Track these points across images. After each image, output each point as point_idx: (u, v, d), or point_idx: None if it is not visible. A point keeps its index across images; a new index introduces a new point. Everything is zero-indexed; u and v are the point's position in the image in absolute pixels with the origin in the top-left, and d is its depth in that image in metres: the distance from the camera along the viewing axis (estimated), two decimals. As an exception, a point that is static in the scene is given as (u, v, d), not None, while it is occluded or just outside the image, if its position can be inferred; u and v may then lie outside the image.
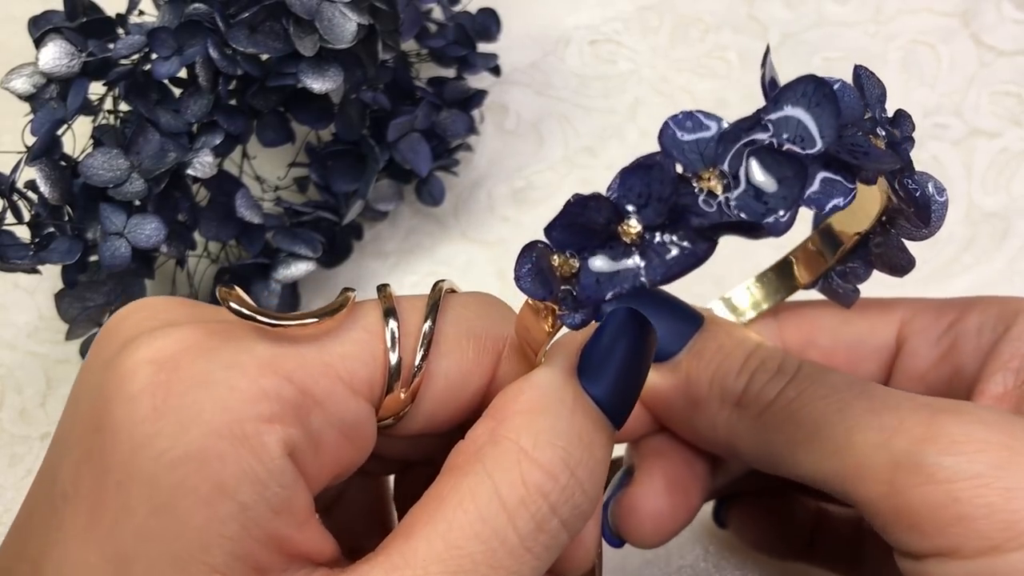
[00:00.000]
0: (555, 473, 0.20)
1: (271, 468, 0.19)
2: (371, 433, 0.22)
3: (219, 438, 0.18)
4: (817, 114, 0.17)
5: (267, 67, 0.37)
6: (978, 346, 0.26)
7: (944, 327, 0.27)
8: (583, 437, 0.20)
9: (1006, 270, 0.42)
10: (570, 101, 0.48)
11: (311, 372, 0.20)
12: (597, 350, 0.22)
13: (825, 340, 0.28)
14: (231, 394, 0.19)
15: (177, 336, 0.20)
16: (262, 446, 0.19)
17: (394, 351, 0.21)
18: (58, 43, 0.35)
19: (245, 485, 0.18)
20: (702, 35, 0.49)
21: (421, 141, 0.42)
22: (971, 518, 0.20)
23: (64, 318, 0.37)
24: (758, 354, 0.25)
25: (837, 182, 0.17)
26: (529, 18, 0.50)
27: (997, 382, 0.25)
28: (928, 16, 0.49)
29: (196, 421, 0.18)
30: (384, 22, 0.38)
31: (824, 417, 0.23)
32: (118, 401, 0.19)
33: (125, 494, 0.18)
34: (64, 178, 0.34)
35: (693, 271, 0.18)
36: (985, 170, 0.44)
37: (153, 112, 0.36)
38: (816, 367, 0.25)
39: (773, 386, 0.24)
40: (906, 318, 0.28)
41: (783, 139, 0.17)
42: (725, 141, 0.17)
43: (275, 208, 0.43)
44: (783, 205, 0.16)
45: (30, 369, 0.42)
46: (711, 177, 0.17)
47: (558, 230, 0.18)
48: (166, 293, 0.42)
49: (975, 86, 0.47)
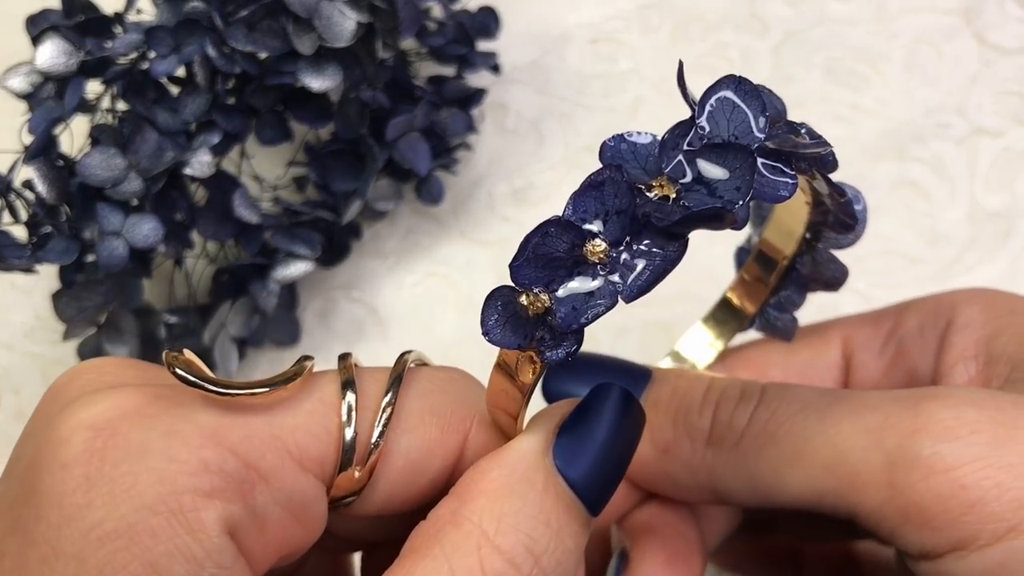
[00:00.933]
0: (517, 562, 0.19)
1: (208, 547, 0.17)
2: (321, 513, 0.20)
3: (152, 513, 0.17)
4: (748, 108, 0.18)
5: (265, 66, 0.37)
6: (925, 345, 0.26)
7: (884, 335, 0.27)
8: (551, 523, 0.19)
9: (1009, 270, 0.42)
10: (570, 100, 0.48)
11: (257, 445, 0.19)
12: (576, 427, 0.20)
13: (776, 374, 0.28)
14: (168, 465, 0.18)
15: (118, 400, 0.18)
16: (199, 522, 0.17)
17: (349, 426, 0.20)
18: (55, 41, 0.35)
19: (179, 565, 0.17)
20: (703, 34, 0.49)
21: (420, 140, 0.42)
22: (983, 502, 0.20)
23: (61, 318, 0.37)
24: (716, 385, 0.25)
25: (779, 170, 0.18)
26: (529, 16, 0.50)
27: (960, 372, 0.25)
28: (931, 15, 0.49)
29: (129, 493, 0.17)
30: (383, 20, 0.38)
31: (804, 431, 0.22)
32: (50, 469, 0.18)
33: (49, 570, 0.17)
34: (61, 177, 0.34)
35: (670, 275, 0.17)
36: (988, 169, 0.44)
37: (151, 111, 0.36)
38: (780, 385, 0.24)
39: (742, 412, 0.24)
40: (846, 335, 0.28)
41: (721, 136, 0.17)
42: (665, 149, 0.17)
43: (273, 208, 0.42)
44: (738, 194, 0.17)
45: (27, 370, 0.42)
46: (662, 184, 0.17)
47: (522, 266, 0.17)
48: (164, 293, 0.42)
49: (978, 85, 0.46)
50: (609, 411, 0.20)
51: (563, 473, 0.20)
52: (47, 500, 0.18)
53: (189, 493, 0.18)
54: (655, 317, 0.41)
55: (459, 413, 0.22)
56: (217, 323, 0.39)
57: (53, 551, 0.17)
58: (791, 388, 0.24)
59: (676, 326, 0.41)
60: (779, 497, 0.23)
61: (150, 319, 0.39)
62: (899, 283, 0.42)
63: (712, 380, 0.25)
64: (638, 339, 0.41)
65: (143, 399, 0.19)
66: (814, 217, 0.24)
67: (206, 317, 0.40)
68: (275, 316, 0.41)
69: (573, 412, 0.21)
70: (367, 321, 0.43)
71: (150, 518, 0.17)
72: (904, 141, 0.45)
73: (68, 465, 0.18)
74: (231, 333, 0.39)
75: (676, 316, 0.41)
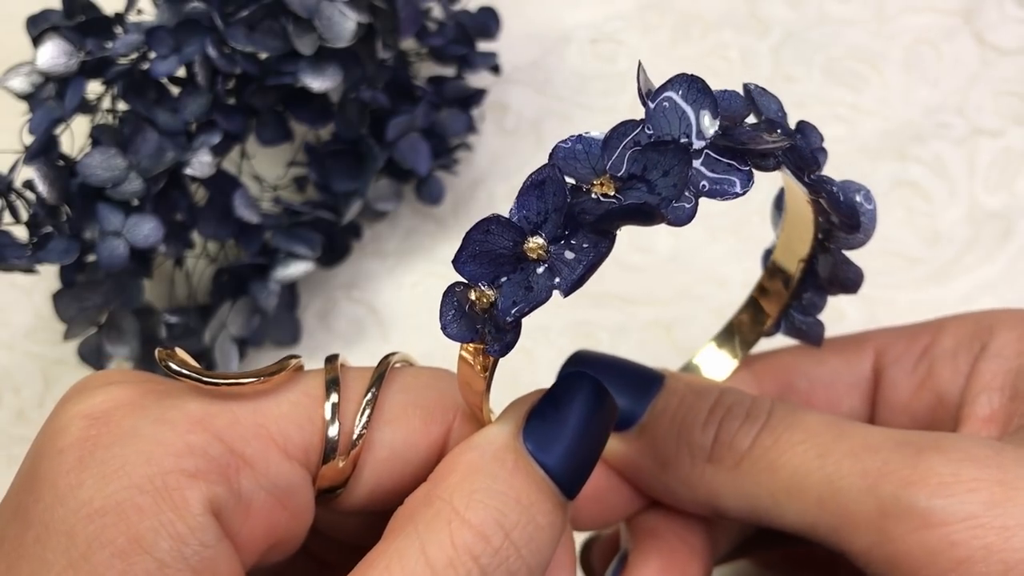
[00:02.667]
0: (487, 534, 0.19)
1: (191, 524, 0.18)
2: (307, 500, 0.21)
3: (139, 491, 0.18)
4: (696, 107, 0.18)
5: (265, 66, 0.37)
6: (956, 369, 0.25)
7: (919, 353, 0.26)
8: (522, 499, 0.20)
9: (1008, 270, 0.42)
10: (570, 100, 0.48)
11: (242, 432, 0.20)
12: (545, 412, 0.21)
13: (802, 383, 0.27)
14: (156, 448, 0.19)
15: (114, 393, 0.20)
16: (183, 501, 0.18)
17: (333, 420, 0.21)
18: (56, 42, 0.35)
19: (163, 540, 0.18)
20: (703, 34, 0.49)
21: (420, 140, 0.42)
22: (970, 561, 0.20)
23: (62, 318, 0.37)
24: (724, 401, 0.24)
25: (731, 168, 0.18)
26: (529, 16, 0.50)
27: (983, 404, 0.24)
28: (930, 15, 0.49)
29: (118, 473, 0.18)
30: (383, 21, 0.38)
31: (803, 465, 0.22)
32: (48, 455, 0.19)
33: (42, 547, 0.18)
34: (62, 177, 0.34)
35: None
36: (987, 169, 0.44)
37: (151, 111, 0.36)
38: (788, 408, 0.24)
39: (745, 434, 0.23)
40: (880, 348, 0.27)
41: (666, 134, 0.18)
42: (608, 148, 0.18)
43: (273, 208, 0.42)
44: (673, 193, 0.17)
45: (27, 370, 0.42)
46: (603, 182, 0.18)
47: (467, 262, 0.18)
48: (164, 293, 0.42)
49: (978, 85, 0.46)
50: (578, 397, 0.21)
51: (533, 454, 0.20)
52: (44, 483, 0.19)
53: (174, 473, 0.18)
54: (655, 317, 0.41)
55: (442, 406, 0.22)
56: (218, 323, 0.39)
57: (46, 529, 0.18)
58: (798, 415, 0.23)
59: (676, 326, 0.41)
60: (775, 522, 0.23)
61: (150, 319, 0.39)
62: (899, 283, 0.42)
63: (720, 395, 0.24)
64: (638, 339, 0.41)
65: (137, 392, 0.20)
66: (820, 217, 0.24)
67: (206, 317, 0.40)
68: (275, 316, 0.41)
69: (543, 398, 0.21)
70: (367, 321, 0.43)
71: (137, 496, 0.18)
72: (904, 141, 0.45)
73: (64, 450, 0.19)
74: (231, 333, 0.39)
75: (676, 316, 0.41)
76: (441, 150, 0.44)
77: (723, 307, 0.28)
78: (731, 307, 0.37)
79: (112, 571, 0.18)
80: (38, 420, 0.41)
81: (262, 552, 0.20)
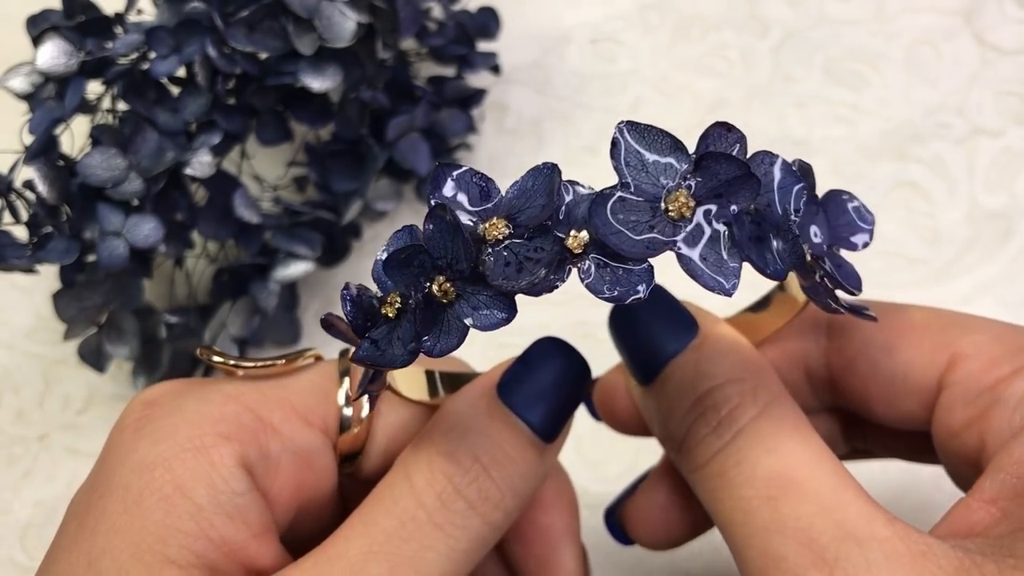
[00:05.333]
0: (461, 461, 0.22)
1: (224, 475, 0.22)
2: (329, 463, 0.24)
3: (183, 449, 0.22)
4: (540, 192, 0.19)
5: (266, 66, 0.37)
6: (1008, 424, 0.22)
7: (989, 383, 0.23)
8: (494, 436, 0.23)
9: (1008, 270, 0.42)
10: (570, 100, 0.48)
11: (268, 404, 0.23)
12: (516, 368, 0.24)
13: (864, 367, 0.25)
14: (197, 417, 0.22)
15: (166, 385, 0.24)
16: (219, 455, 0.22)
17: (347, 405, 0.24)
18: (56, 42, 0.35)
19: (201, 487, 0.21)
20: (703, 34, 0.49)
21: (421, 140, 0.42)
22: None
23: (62, 318, 0.37)
24: (711, 397, 0.23)
25: (619, 271, 0.18)
26: (529, 16, 0.50)
27: (995, 483, 0.21)
28: (930, 15, 0.49)
29: (167, 437, 0.22)
30: (383, 21, 0.38)
31: (731, 515, 0.21)
32: (114, 433, 0.23)
33: (105, 500, 0.22)
34: (62, 177, 0.34)
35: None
36: (987, 169, 0.44)
37: (151, 111, 0.36)
38: (774, 424, 0.22)
39: (708, 446, 0.22)
40: (958, 356, 0.23)
41: (440, 258, 0.18)
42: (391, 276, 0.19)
43: (273, 208, 0.42)
44: (536, 289, 0.18)
45: (28, 369, 0.42)
46: (394, 299, 0.19)
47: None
48: (164, 293, 0.42)
49: (978, 85, 0.46)
50: (546, 354, 0.24)
51: (504, 400, 0.23)
52: (109, 453, 0.23)
53: (211, 435, 0.22)
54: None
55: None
56: (218, 323, 0.39)
57: (108, 487, 0.22)
58: (778, 439, 0.21)
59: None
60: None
61: (151, 319, 0.39)
62: (899, 283, 0.42)
63: (710, 389, 0.23)
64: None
65: (183, 384, 0.24)
66: (815, 301, 0.22)
67: (206, 317, 0.40)
68: (275, 316, 0.41)
69: (517, 359, 0.24)
70: (367, 321, 0.43)
71: (180, 452, 0.22)
72: (904, 141, 0.45)
73: (125, 427, 0.23)
74: (232, 333, 0.39)
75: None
76: (441, 150, 0.44)
77: (723, 307, 0.28)
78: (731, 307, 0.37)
79: (158, 512, 0.21)
80: (38, 420, 0.41)
81: (293, 509, 0.23)
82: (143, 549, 0.21)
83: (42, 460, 0.40)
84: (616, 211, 0.18)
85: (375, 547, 0.21)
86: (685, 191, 0.18)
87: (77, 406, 0.41)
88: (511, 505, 0.23)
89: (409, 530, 0.21)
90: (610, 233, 0.18)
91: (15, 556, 0.38)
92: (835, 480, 0.21)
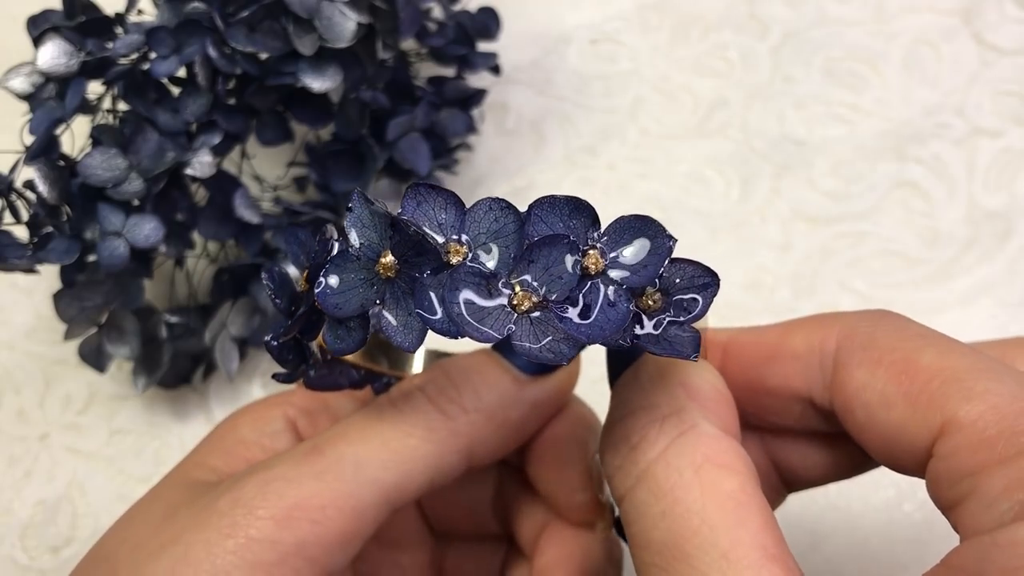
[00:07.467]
0: (434, 377, 0.25)
1: (273, 428, 0.28)
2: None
3: (244, 423, 0.28)
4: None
5: (266, 66, 0.37)
6: (979, 523, 0.20)
7: (971, 468, 0.20)
8: (469, 360, 0.26)
9: (1007, 270, 0.42)
10: (571, 100, 0.48)
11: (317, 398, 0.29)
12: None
13: (861, 416, 0.23)
14: (257, 408, 0.28)
15: (243, 407, 0.29)
16: (269, 416, 0.28)
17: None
18: (56, 42, 0.35)
19: (252, 434, 0.27)
20: (703, 34, 0.49)
21: (421, 140, 0.42)
22: None
23: (62, 318, 0.37)
24: (622, 426, 0.22)
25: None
26: (529, 17, 0.50)
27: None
28: (930, 15, 0.49)
29: (233, 423, 0.28)
30: (383, 21, 0.38)
31: (638, 568, 0.21)
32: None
33: (184, 472, 0.27)
34: (62, 178, 0.34)
35: None
36: (987, 169, 0.44)
37: (152, 111, 0.36)
38: (667, 474, 0.21)
39: (625, 478, 0.22)
40: (951, 425, 0.21)
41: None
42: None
43: (274, 208, 0.42)
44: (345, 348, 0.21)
45: (28, 369, 0.42)
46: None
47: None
48: (165, 293, 0.42)
49: (977, 85, 0.47)
50: None
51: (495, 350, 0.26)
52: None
53: (264, 409, 0.28)
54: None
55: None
56: (218, 323, 0.39)
57: (190, 463, 0.27)
58: (671, 488, 0.21)
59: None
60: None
61: (151, 319, 0.39)
62: (898, 283, 0.42)
63: (656, 411, 0.22)
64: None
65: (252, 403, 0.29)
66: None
67: (207, 317, 0.40)
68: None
69: None
70: (367, 321, 0.43)
71: (242, 424, 0.27)
72: (903, 141, 0.45)
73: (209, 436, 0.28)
74: (232, 333, 0.39)
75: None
76: (441, 150, 0.44)
77: (723, 307, 0.28)
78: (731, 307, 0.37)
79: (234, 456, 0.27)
80: (38, 420, 0.41)
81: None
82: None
83: (42, 460, 0.40)
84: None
85: (343, 428, 0.25)
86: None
87: (77, 406, 0.41)
88: (471, 407, 0.25)
89: (372, 417, 0.25)
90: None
91: (15, 556, 0.38)
92: (730, 539, 0.19)
